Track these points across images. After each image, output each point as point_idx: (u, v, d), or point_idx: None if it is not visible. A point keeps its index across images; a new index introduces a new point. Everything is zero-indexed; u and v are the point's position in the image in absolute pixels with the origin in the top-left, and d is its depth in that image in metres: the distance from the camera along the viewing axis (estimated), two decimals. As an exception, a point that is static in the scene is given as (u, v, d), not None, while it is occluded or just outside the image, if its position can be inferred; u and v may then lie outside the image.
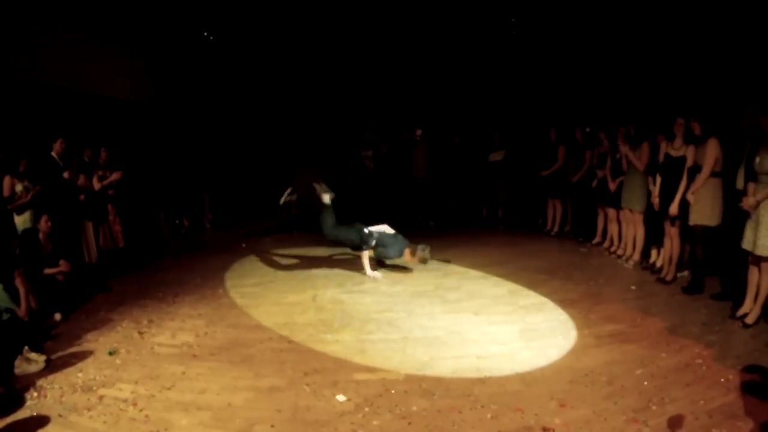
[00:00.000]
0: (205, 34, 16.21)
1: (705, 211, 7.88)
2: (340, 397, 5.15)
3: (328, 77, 17.85)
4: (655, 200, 8.97)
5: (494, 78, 17.30)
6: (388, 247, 9.33)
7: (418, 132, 14.91)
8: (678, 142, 8.49)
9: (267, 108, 17.83)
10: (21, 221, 8.52)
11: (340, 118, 17.98)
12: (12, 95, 10.02)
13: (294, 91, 17.90)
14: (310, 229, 10.39)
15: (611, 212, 10.83)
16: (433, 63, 17.38)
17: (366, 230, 9.50)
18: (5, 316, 6.23)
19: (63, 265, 8.00)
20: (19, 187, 8.51)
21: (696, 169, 7.99)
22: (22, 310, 6.60)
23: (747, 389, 5.07)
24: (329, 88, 17.96)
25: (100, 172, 10.68)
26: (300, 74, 17.79)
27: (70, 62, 11.68)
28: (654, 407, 4.79)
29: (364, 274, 9.49)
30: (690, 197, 8.02)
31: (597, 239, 11.68)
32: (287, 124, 17.97)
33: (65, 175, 9.62)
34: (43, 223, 8.05)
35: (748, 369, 5.51)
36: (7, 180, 8.44)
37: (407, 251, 9.33)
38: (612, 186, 10.39)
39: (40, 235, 7.98)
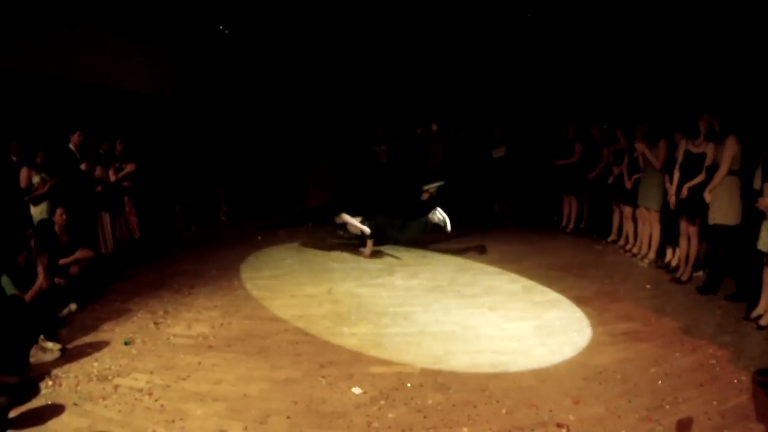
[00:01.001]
0: (221, 27, 16.23)
1: (722, 209, 7.81)
2: (356, 390, 5.18)
3: (341, 72, 17.86)
4: (671, 199, 8.94)
5: (509, 73, 17.27)
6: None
7: (434, 127, 14.92)
8: (700, 139, 8.43)
9: (281, 102, 17.84)
10: (37, 212, 8.59)
11: (354, 113, 17.98)
12: (30, 88, 10.10)
13: (308, 87, 17.91)
14: (326, 222, 10.41)
15: (627, 210, 10.77)
16: (447, 59, 17.37)
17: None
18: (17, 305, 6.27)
19: (85, 252, 8.05)
20: (36, 179, 8.58)
21: (715, 168, 7.94)
22: (29, 294, 6.58)
23: (760, 391, 5.07)
24: (343, 83, 17.97)
25: (117, 165, 10.74)
26: (314, 69, 17.79)
27: (87, 56, 11.75)
28: (667, 406, 4.80)
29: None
30: (707, 196, 7.97)
31: (612, 237, 11.63)
32: (302, 119, 17.99)
33: (82, 167, 9.67)
34: (58, 216, 8.06)
35: (762, 371, 5.49)
36: (24, 171, 8.52)
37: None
38: (628, 184, 10.35)
39: (56, 227, 8.02)
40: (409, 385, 5.28)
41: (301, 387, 5.26)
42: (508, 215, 14.72)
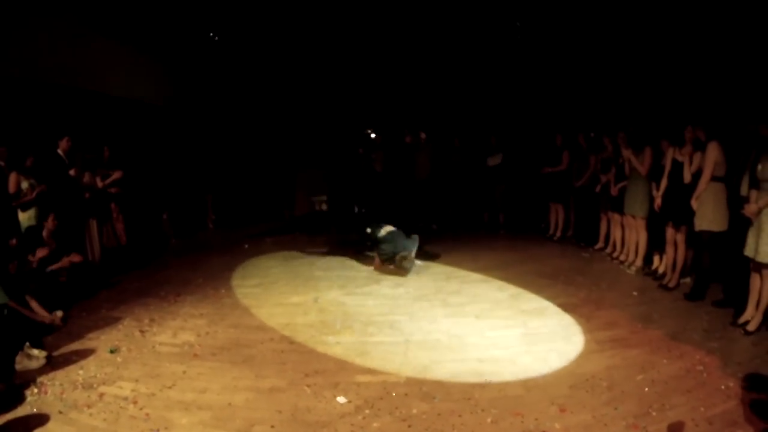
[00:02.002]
0: (211, 34, 16.22)
1: (707, 215, 7.83)
2: (341, 399, 5.15)
3: (331, 80, 17.87)
4: (658, 200, 8.97)
5: (497, 82, 17.33)
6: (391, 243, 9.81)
7: (422, 135, 14.92)
8: (687, 148, 8.43)
9: (271, 110, 17.83)
10: (25, 218, 8.53)
11: (343, 121, 17.99)
12: (20, 93, 10.04)
13: (297, 94, 17.91)
14: (313, 231, 10.37)
15: (614, 217, 10.81)
16: (437, 67, 17.40)
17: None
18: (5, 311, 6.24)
19: (74, 257, 8.03)
20: (24, 185, 8.53)
21: (700, 175, 7.97)
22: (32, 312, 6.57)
23: (747, 397, 5.06)
24: (333, 90, 17.98)
25: (104, 171, 10.69)
26: (304, 77, 17.80)
27: (77, 61, 11.69)
28: (654, 413, 4.79)
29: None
30: (693, 203, 8.00)
31: (599, 244, 11.65)
32: (291, 126, 17.98)
33: (71, 172, 9.63)
34: (50, 222, 8.06)
35: (749, 376, 5.49)
36: (13, 176, 8.45)
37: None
38: (613, 191, 10.39)
39: (44, 233, 7.98)
40: (394, 394, 5.25)
41: (286, 396, 5.23)
42: (503, 224, 14.68)
